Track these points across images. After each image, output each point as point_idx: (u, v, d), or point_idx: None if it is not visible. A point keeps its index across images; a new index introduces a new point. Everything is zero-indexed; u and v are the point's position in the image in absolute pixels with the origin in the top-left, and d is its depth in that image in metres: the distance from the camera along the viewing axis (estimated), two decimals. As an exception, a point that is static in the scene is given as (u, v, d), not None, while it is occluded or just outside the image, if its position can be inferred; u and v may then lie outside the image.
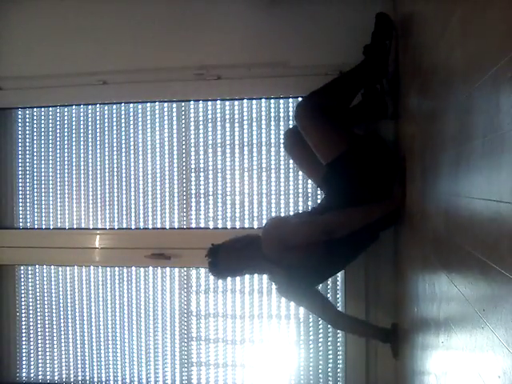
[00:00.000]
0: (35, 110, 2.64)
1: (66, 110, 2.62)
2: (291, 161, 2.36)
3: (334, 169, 1.91)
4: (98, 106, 2.58)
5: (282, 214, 2.43)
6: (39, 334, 2.71)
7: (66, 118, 2.62)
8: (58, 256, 2.59)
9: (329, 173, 1.94)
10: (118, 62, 2.47)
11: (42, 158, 2.65)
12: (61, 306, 2.67)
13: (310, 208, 2.27)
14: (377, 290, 2.33)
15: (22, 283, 2.70)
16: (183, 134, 2.53)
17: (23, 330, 2.71)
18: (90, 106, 2.58)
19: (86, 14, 2.50)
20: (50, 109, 2.62)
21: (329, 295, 2.37)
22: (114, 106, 2.56)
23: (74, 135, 2.62)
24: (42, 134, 2.64)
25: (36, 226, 2.67)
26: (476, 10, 0.92)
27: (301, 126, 1.97)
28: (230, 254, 1.99)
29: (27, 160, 2.67)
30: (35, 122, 2.65)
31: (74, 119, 2.61)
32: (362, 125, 2.14)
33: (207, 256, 1.99)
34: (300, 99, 2.09)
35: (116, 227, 2.60)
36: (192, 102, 2.51)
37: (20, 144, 2.67)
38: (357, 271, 2.30)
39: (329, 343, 2.45)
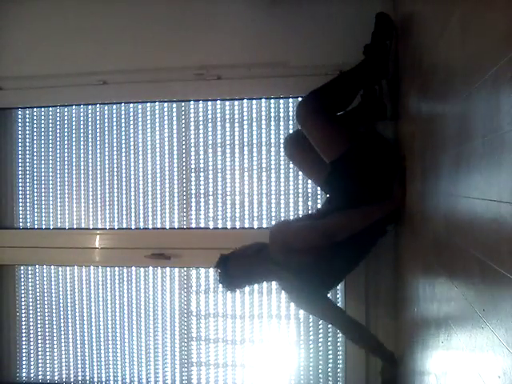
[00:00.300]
0: (35, 109, 2.64)
1: (66, 110, 2.62)
2: (292, 164, 2.36)
3: (337, 167, 1.91)
4: (97, 105, 2.58)
5: (287, 218, 2.41)
6: (39, 334, 2.71)
7: (66, 118, 2.62)
8: (58, 256, 2.59)
9: (332, 172, 1.94)
10: (118, 62, 2.47)
11: (42, 158, 2.65)
12: (61, 305, 2.67)
13: (313, 210, 2.25)
14: (377, 291, 2.33)
15: (22, 283, 2.70)
16: (183, 134, 2.53)
17: (23, 330, 2.71)
18: (90, 106, 2.58)
19: (86, 14, 2.50)
20: (50, 109, 2.62)
21: (328, 296, 2.37)
22: (114, 106, 2.56)
23: (73, 135, 2.62)
24: (42, 134, 2.64)
25: (36, 226, 2.67)
26: (476, 10, 0.92)
27: (303, 124, 1.97)
28: (240, 262, 1.98)
29: (27, 160, 2.67)
30: (35, 122, 2.65)
31: (74, 119, 2.61)
32: (361, 126, 2.14)
33: (217, 266, 1.99)
34: (300, 98, 2.08)
35: (116, 227, 2.60)
36: (192, 102, 2.51)
37: (20, 144, 2.67)
38: (357, 272, 2.29)
39: (329, 343, 2.45)
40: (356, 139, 1.93)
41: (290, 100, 2.42)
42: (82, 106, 2.58)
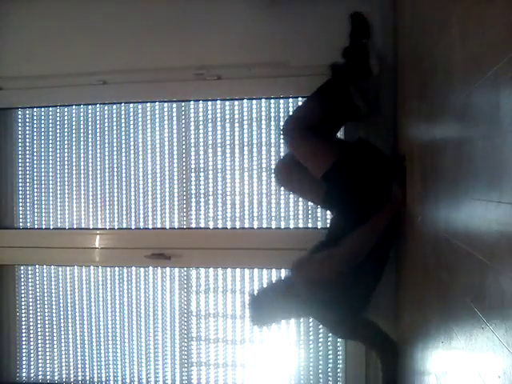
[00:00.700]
0: (35, 109, 2.64)
1: (65, 109, 2.61)
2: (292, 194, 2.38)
3: (330, 180, 1.92)
4: (97, 105, 2.57)
5: (302, 255, 2.36)
6: (39, 333, 2.71)
7: (66, 117, 2.62)
8: (58, 256, 2.59)
9: (328, 188, 1.95)
10: (118, 62, 2.47)
11: (42, 157, 2.65)
12: (61, 306, 2.67)
13: (323, 237, 2.19)
14: (377, 292, 2.32)
15: (22, 283, 2.70)
16: (183, 134, 2.53)
17: (23, 330, 2.71)
18: (90, 106, 2.58)
19: (86, 14, 2.49)
20: (50, 109, 2.62)
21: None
22: (114, 106, 2.56)
23: (73, 135, 2.62)
24: (42, 134, 2.64)
25: (36, 226, 2.67)
26: (476, 10, 0.92)
27: (291, 146, 2.02)
28: (271, 300, 1.98)
29: (27, 160, 2.67)
30: (35, 122, 2.65)
31: (74, 119, 2.61)
32: (338, 128, 2.17)
33: (248, 308, 2.01)
34: (301, 98, 2.10)
35: (116, 227, 2.59)
36: (192, 102, 2.50)
37: (20, 144, 2.67)
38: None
39: (329, 343, 2.45)
40: (345, 149, 1.96)
41: (290, 100, 2.42)
42: (82, 105, 2.58)
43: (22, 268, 2.69)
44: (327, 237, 2.05)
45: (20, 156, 2.67)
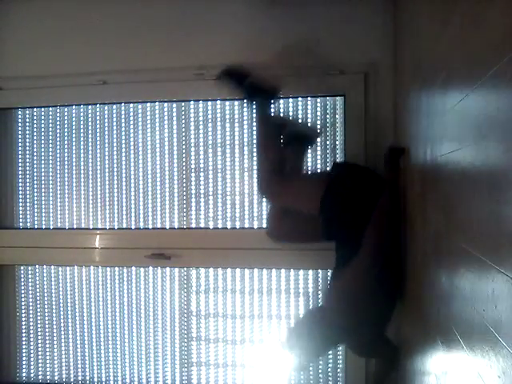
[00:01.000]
0: (35, 109, 2.64)
1: (65, 109, 2.62)
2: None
3: (326, 209, 1.92)
4: (97, 106, 2.58)
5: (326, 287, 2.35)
6: (39, 333, 2.71)
7: (66, 117, 2.62)
8: (58, 256, 2.59)
9: (324, 217, 1.95)
10: (117, 62, 2.47)
11: (42, 158, 2.65)
12: (61, 306, 2.67)
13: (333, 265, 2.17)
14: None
15: (22, 283, 2.70)
16: (183, 134, 2.53)
17: (23, 330, 2.71)
18: (90, 106, 2.58)
19: (86, 14, 2.50)
20: (50, 109, 2.62)
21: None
22: (114, 106, 2.56)
23: (73, 135, 2.62)
24: (42, 134, 2.64)
25: (36, 226, 2.67)
26: (476, 9, 0.92)
27: (276, 200, 2.11)
28: (307, 331, 1.96)
29: (27, 160, 2.67)
30: (35, 121, 2.65)
31: (74, 119, 2.61)
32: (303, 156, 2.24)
33: (285, 347, 2.01)
34: (257, 184, 2.19)
35: (116, 227, 2.59)
36: (192, 102, 2.51)
37: (20, 144, 2.67)
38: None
39: (329, 343, 2.45)
40: (326, 177, 2.00)
41: (290, 100, 2.42)
42: (82, 105, 2.58)
43: (22, 268, 2.69)
44: (337, 261, 2.03)
45: (20, 156, 2.67)
